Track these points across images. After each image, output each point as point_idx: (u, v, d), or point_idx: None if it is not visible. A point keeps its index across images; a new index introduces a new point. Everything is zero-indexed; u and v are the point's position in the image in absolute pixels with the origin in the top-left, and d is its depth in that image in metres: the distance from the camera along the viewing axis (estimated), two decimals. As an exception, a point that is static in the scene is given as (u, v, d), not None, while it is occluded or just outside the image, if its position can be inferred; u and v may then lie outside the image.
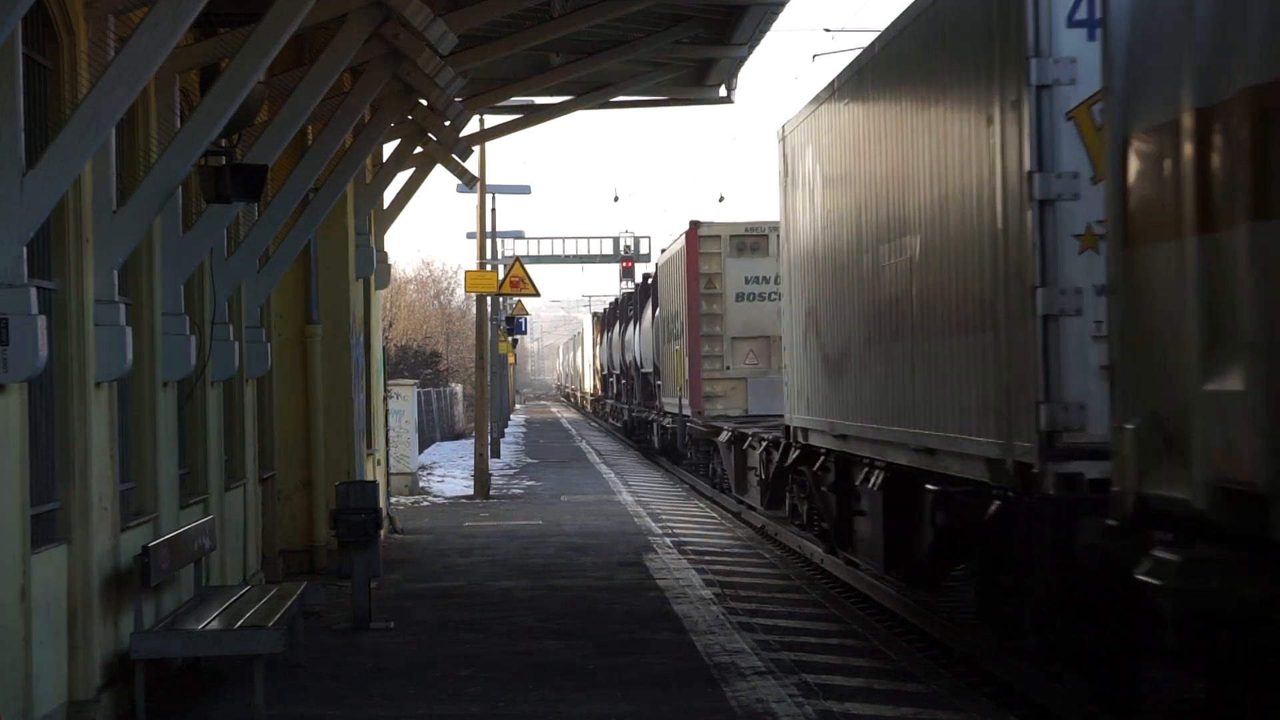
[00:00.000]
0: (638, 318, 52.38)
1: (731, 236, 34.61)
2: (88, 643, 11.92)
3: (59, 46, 12.02)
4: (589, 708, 12.59)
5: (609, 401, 72.16)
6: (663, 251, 42.84)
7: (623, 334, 59.58)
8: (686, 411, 36.00)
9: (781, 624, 16.44)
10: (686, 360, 35.22)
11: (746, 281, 34.34)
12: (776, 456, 24.98)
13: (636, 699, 12.85)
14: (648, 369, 48.52)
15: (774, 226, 32.06)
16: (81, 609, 11.88)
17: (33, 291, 10.27)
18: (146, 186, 12.62)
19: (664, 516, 28.43)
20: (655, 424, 47.01)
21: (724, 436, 31.39)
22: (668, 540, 24.29)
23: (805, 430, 21.65)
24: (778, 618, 16.88)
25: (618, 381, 64.58)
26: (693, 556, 22.26)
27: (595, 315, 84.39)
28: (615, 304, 66.26)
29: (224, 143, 15.00)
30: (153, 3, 10.96)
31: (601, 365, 75.05)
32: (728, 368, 34.23)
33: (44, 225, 10.92)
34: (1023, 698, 13.71)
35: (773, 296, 32.85)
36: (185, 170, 12.78)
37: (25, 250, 10.32)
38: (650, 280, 49.35)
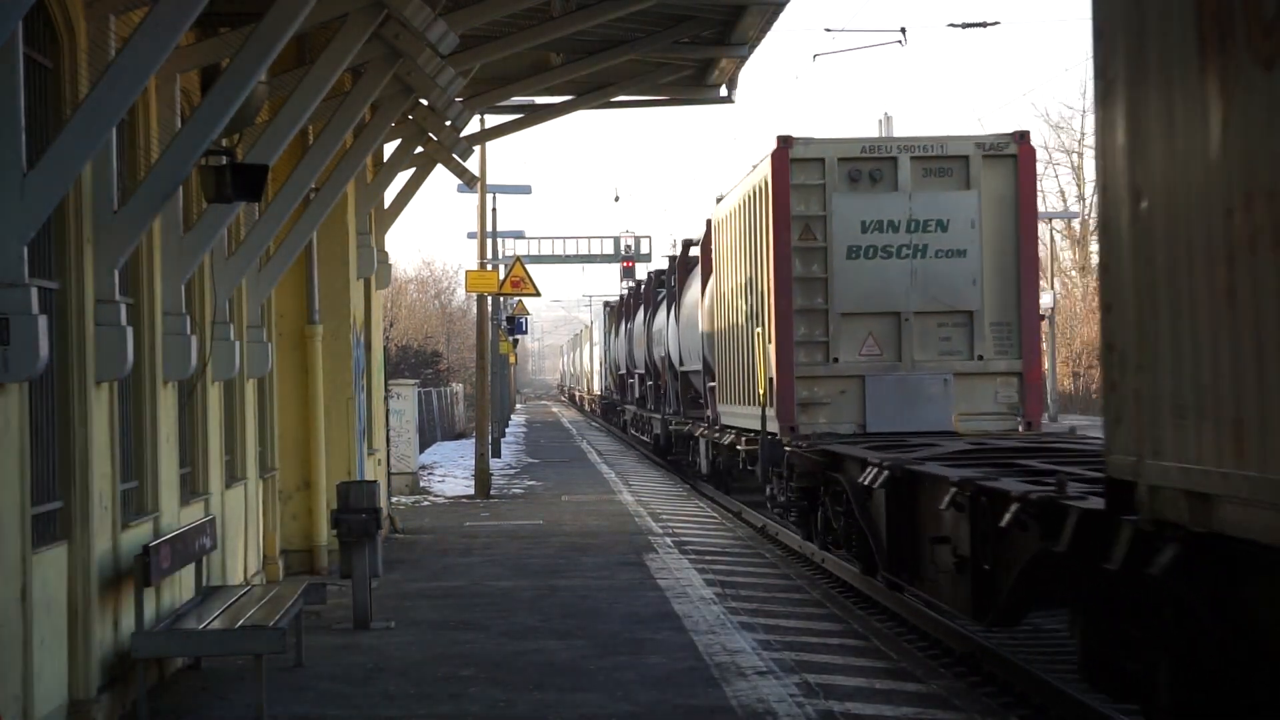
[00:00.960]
0: (674, 299, 40.71)
1: (841, 160, 23.38)
2: (88, 642, 11.93)
3: (59, 46, 12.03)
4: (589, 708, 12.59)
5: (629, 408, 58.58)
6: (719, 201, 30.58)
7: (649, 322, 47.86)
8: (773, 428, 24.06)
9: (782, 624, 16.45)
10: (772, 349, 23.80)
11: (865, 229, 23.31)
12: (1049, 539, 11.78)
13: (637, 699, 12.85)
14: (691, 365, 36.72)
15: (905, 145, 23.48)
16: (82, 608, 11.89)
17: (34, 291, 10.28)
18: (147, 186, 12.62)
19: (664, 516, 28.44)
20: (705, 441, 34.22)
21: (871, 477, 17.66)
22: (668, 540, 24.30)
23: (1212, 501, 8.48)
24: (779, 617, 16.88)
25: (641, 383, 51.90)
26: (693, 556, 22.26)
27: (607, 305, 72.41)
28: (637, 286, 55.73)
29: (224, 142, 15.02)
30: (153, 3, 10.97)
31: (617, 363, 62.89)
32: (835, 360, 23.22)
33: (45, 225, 10.93)
34: (1023, 698, 13.71)
35: (905, 252, 23.28)
36: (186, 170, 12.78)
37: (26, 250, 10.32)
38: (696, 244, 37.54)
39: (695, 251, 37.88)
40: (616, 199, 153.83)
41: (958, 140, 23.68)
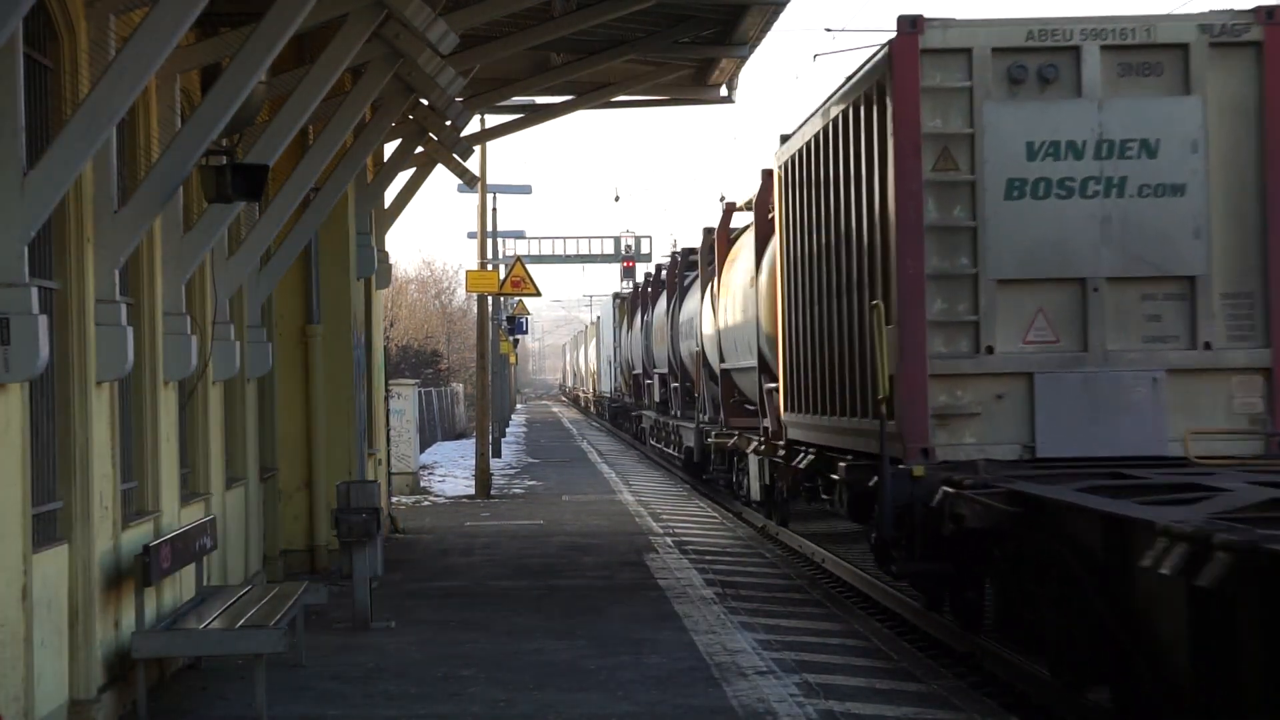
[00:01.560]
0: (711, 278, 32.84)
1: (997, 52, 16.07)
2: (89, 642, 11.93)
3: (60, 46, 12.03)
4: (589, 708, 12.59)
5: (647, 415, 50.10)
6: (783, 141, 22.64)
7: (674, 312, 40.54)
8: (891, 449, 16.03)
9: (783, 624, 16.45)
10: (893, 334, 16.16)
11: (1033, 154, 16.05)
12: None
13: (637, 699, 12.85)
14: (737, 362, 29.18)
15: (1093, 29, 16.17)
16: (83, 608, 11.89)
17: (34, 291, 10.28)
18: (147, 186, 12.63)
19: (665, 516, 28.43)
20: (759, 460, 26.34)
21: (1173, 558, 10.14)
22: (669, 540, 24.29)
23: None
24: (779, 617, 16.88)
25: (663, 385, 44.22)
26: (694, 556, 22.26)
27: (618, 296, 66.18)
28: (656, 272, 48.39)
29: (225, 142, 15.01)
30: (154, 2, 10.97)
31: (630, 361, 55.72)
32: (988, 350, 15.92)
33: (45, 225, 10.93)
34: (1023, 698, 13.72)
35: (1093, 188, 16.00)
36: (186, 170, 12.79)
37: (26, 250, 10.33)
38: (742, 208, 29.86)
39: (739, 221, 30.74)
40: (616, 199, 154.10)
41: (1172, 22, 16.35)
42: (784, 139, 22.60)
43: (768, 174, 25.11)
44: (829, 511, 21.62)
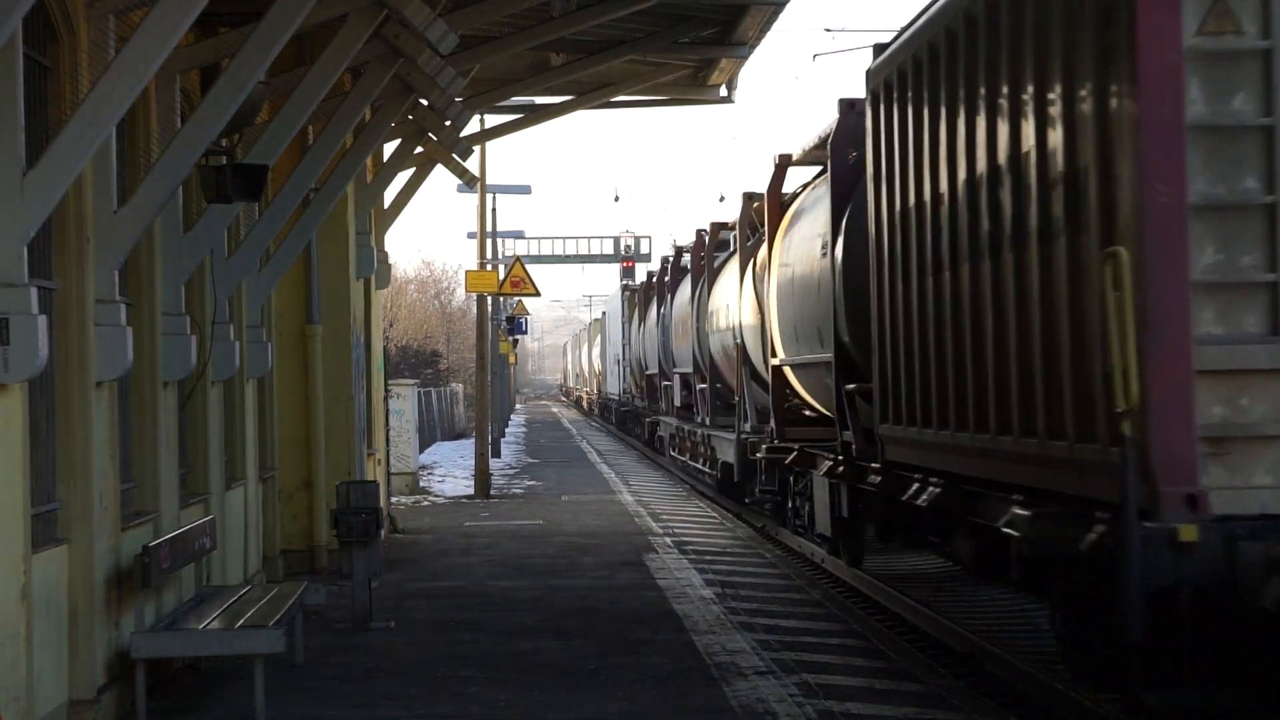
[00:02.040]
0: (755, 251, 26.99)
1: None
2: (88, 642, 11.93)
3: (60, 46, 12.04)
4: (589, 708, 12.59)
5: (666, 421, 43.08)
6: (877, 53, 17.54)
7: (701, 300, 34.87)
8: (1139, 498, 9.85)
9: (782, 624, 16.45)
10: (1133, 299, 9.99)
11: None
12: None
13: (637, 699, 12.85)
14: (798, 356, 22.81)
15: None
16: (82, 609, 11.89)
17: (33, 291, 10.27)
18: (147, 186, 12.62)
19: (664, 516, 28.44)
20: (833, 486, 20.44)
21: None
22: (668, 540, 24.30)
23: None
24: (778, 617, 16.88)
25: (685, 387, 38.52)
26: (693, 556, 22.26)
27: (627, 288, 60.37)
28: (677, 257, 42.38)
29: (225, 142, 15.02)
30: (153, 2, 10.97)
31: (643, 360, 49.88)
32: None
33: (44, 225, 10.93)
34: (1023, 698, 13.71)
35: None
36: (186, 170, 12.78)
37: (26, 250, 10.32)
38: (801, 160, 24.25)
39: (791, 186, 24.99)
40: (616, 199, 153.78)
41: None
42: (879, 49, 17.30)
43: (849, 104, 19.77)
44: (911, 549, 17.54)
